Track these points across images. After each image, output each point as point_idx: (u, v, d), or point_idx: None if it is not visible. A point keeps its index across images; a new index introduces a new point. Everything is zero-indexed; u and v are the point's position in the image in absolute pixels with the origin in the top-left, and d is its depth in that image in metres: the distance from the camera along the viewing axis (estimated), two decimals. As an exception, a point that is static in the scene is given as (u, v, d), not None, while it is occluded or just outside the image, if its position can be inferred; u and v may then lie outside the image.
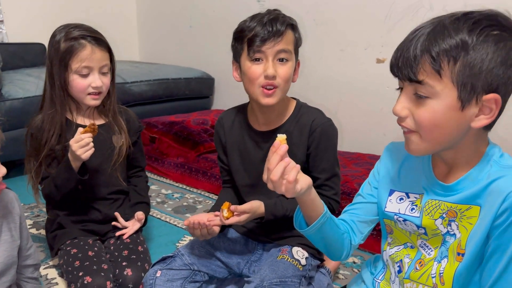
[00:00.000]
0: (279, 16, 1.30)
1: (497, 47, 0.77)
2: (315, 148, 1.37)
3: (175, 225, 1.89)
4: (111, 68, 1.50)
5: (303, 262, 1.33)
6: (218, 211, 1.33)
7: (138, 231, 1.54)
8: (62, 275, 1.46)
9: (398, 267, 0.98)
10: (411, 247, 0.97)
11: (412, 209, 0.94)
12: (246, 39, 1.28)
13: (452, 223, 0.88)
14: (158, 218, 1.95)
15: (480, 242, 0.83)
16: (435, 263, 0.91)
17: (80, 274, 1.31)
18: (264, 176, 0.91)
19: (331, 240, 1.00)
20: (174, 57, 3.39)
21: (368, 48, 2.41)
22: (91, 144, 1.35)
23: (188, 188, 2.30)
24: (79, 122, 1.52)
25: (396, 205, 0.97)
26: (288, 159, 0.89)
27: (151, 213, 1.99)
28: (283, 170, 0.87)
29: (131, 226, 1.52)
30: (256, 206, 1.29)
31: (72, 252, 1.39)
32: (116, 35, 3.48)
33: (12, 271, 1.14)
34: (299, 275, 1.29)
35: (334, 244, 1.01)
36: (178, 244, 1.73)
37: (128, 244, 1.46)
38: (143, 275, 1.34)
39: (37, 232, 1.78)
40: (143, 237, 1.56)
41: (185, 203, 2.11)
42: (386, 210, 0.99)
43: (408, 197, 0.96)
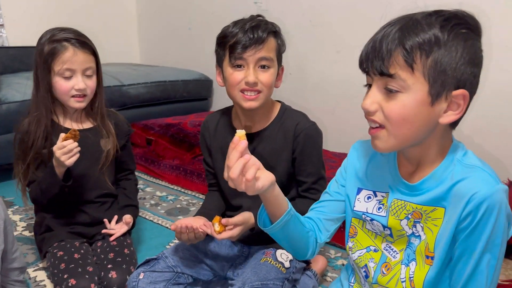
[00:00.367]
0: (261, 23, 1.30)
1: (466, 45, 0.78)
2: (300, 152, 1.37)
3: (167, 227, 1.90)
4: (96, 71, 1.51)
5: (287, 264, 1.32)
6: (204, 217, 1.34)
7: (126, 233, 1.55)
8: (50, 277, 1.48)
9: (364, 272, 0.97)
10: (375, 251, 0.96)
11: (379, 208, 0.94)
12: (228, 46, 1.28)
13: (417, 225, 0.88)
14: (150, 220, 1.96)
15: (447, 245, 0.83)
16: (403, 266, 0.91)
17: (65, 276, 1.32)
18: (225, 174, 0.88)
19: (295, 238, 0.99)
20: (174, 59, 3.41)
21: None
22: (75, 150, 1.35)
23: (182, 190, 2.30)
24: (66, 125, 1.53)
25: (364, 204, 0.97)
26: (248, 155, 0.86)
27: (144, 215, 2.00)
28: (242, 167, 0.85)
29: (118, 229, 1.53)
30: (247, 217, 1.29)
31: (58, 255, 1.41)
32: (117, 38, 3.54)
33: None
34: (282, 278, 1.28)
35: (299, 242, 1.00)
36: (168, 247, 1.73)
37: (114, 247, 1.47)
38: (128, 277, 1.34)
39: (29, 234, 1.80)
40: (131, 239, 1.57)
41: (178, 205, 2.12)
42: (355, 209, 0.98)
43: (376, 195, 0.95)
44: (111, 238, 1.50)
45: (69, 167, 1.40)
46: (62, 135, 1.36)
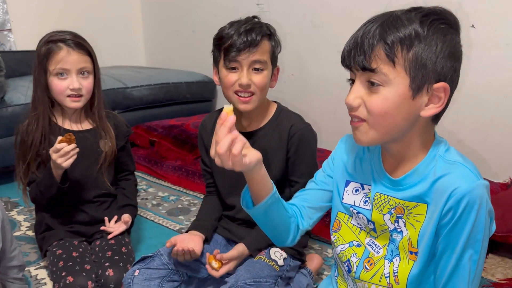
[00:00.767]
0: (255, 26, 1.32)
1: (445, 39, 0.80)
2: (294, 153, 1.38)
3: (167, 227, 1.92)
4: (93, 72, 1.53)
5: (281, 262, 1.34)
6: (199, 233, 1.39)
7: (124, 232, 1.57)
8: (49, 275, 1.51)
9: (347, 267, 0.98)
10: (358, 246, 0.97)
11: (365, 201, 0.95)
12: (223, 48, 1.31)
13: (400, 220, 0.88)
14: (151, 220, 1.98)
15: (430, 241, 0.84)
16: (387, 262, 0.92)
17: (63, 274, 1.35)
18: (212, 151, 0.86)
19: (277, 223, 0.98)
20: (179, 61, 3.44)
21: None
22: (72, 153, 1.38)
23: (184, 190, 2.33)
24: (65, 126, 1.56)
25: (352, 196, 0.97)
26: (236, 132, 0.84)
27: (145, 215, 2.02)
28: (230, 143, 0.82)
29: (117, 228, 1.55)
30: (241, 250, 1.34)
31: (57, 253, 1.44)
32: (123, 42, 3.59)
33: None
34: (275, 276, 1.30)
35: (280, 227, 0.99)
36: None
37: (112, 246, 1.49)
38: (125, 275, 1.37)
39: (32, 234, 1.83)
40: (129, 238, 1.59)
41: (179, 206, 2.14)
42: (343, 201, 0.99)
43: (363, 188, 0.96)
44: (109, 236, 1.53)
45: (67, 169, 1.42)
46: (59, 138, 1.39)
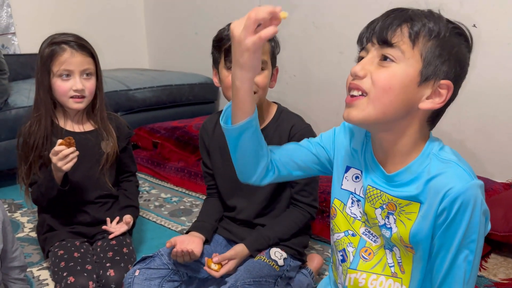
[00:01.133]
0: None
1: (459, 47, 0.84)
2: None
3: (169, 228, 1.93)
4: (95, 74, 1.55)
5: (281, 262, 1.34)
6: (199, 233, 1.39)
7: (126, 233, 1.58)
8: (51, 276, 1.51)
9: (341, 256, 0.98)
10: (353, 235, 0.96)
11: (363, 191, 0.94)
12: (224, 49, 1.31)
13: (391, 216, 0.88)
14: (153, 221, 1.99)
15: (425, 239, 0.84)
16: (387, 251, 0.91)
17: (64, 274, 1.35)
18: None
19: (247, 153, 0.93)
20: (182, 63, 3.45)
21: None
22: (71, 156, 1.38)
23: (187, 192, 2.34)
24: (67, 128, 1.57)
25: (352, 183, 0.96)
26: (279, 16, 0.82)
27: (147, 216, 2.03)
28: (273, 11, 0.80)
29: (118, 228, 1.56)
30: (240, 250, 1.34)
31: (59, 254, 1.45)
32: (126, 45, 3.61)
33: None
34: (275, 275, 1.30)
35: (249, 159, 0.95)
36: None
37: (113, 246, 1.50)
38: (125, 276, 1.37)
39: (36, 235, 1.84)
40: (131, 239, 1.60)
41: (182, 207, 2.15)
42: (342, 187, 0.98)
43: (362, 176, 0.95)
44: (110, 236, 1.53)
45: (67, 171, 1.43)
46: (59, 141, 1.40)
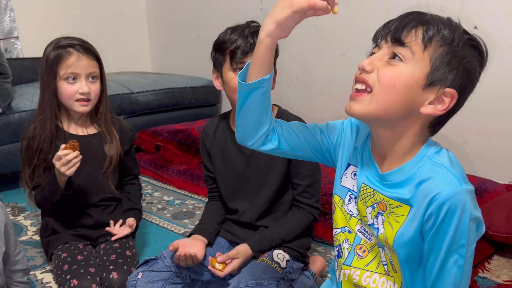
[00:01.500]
0: (258, 29, 1.33)
1: (471, 59, 0.84)
2: None
3: (172, 230, 1.93)
4: (100, 77, 1.56)
5: (283, 264, 1.34)
6: (201, 236, 1.40)
7: (129, 236, 1.59)
8: (55, 279, 1.52)
9: (337, 251, 0.98)
10: (349, 232, 0.97)
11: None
12: (228, 51, 1.33)
13: (380, 216, 0.88)
14: (156, 224, 1.99)
15: (410, 243, 0.84)
16: (381, 249, 0.91)
17: (68, 277, 1.36)
18: None
19: (251, 113, 0.92)
20: (184, 66, 3.46)
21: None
22: (74, 161, 1.39)
23: (189, 194, 2.34)
24: (71, 131, 1.58)
25: (350, 180, 0.96)
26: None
27: (150, 219, 2.04)
28: None
29: (121, 231, 1.56)
30: (243, 250, 1.35)
31: (62, 256, 1.45)
32: (129, 49, 3.62)
33: None
34: (277, 277, 1.30)
35: (250, 121, 0.93)
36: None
37: (116, 249, 1.51)
38: (128, 278, 1.37)
39: (39, 238, 1.84)
40: (134, 242, 1.61)
41: (184, 209, 2.16)
42: (341, 184, 0.98)
43: None
44: (113, 238, 1.54)
45: (76, 171, 1.43)
46: (62, 146, 1.40)
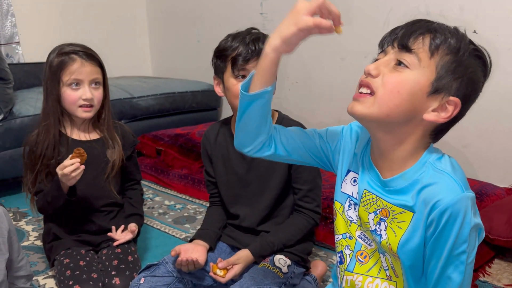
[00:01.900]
0: (259, 36, 1.37)
1: (475, 69, 0.84)
2: None
3: (173, 235, 1.94)
4: (103, 83, 1.57)
5: (285, 269, 1.35)
6: (203, 242, 1.41)
7: (131, 241, 1.59)
8: (57, 285, 1.52)
9: (339, 257, 0.99)
10: (349, 238, 0.97)
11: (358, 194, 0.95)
12: (230, 58, 1.34)
13: (382, 223, 0.89)
14: (157, 229, 2.00)
15: (415, 250, 0.84)
16: (381, 255, 0.92)
17: (71, 282, 1.37)
18: None
19: (250, 122, 0.93)
20: (185, 71, 3.48)
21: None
22: (73, 174, 1.39)
23: (190, 199, 2.35)
24: (74, 136, 1.59)
25: (350, 187, 0.97)
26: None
27: (151, 224, 2.04)
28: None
29: (123, 236, 1.57)
30: (244, 255, 1.35)
31: (65, 262, 1.46)
32: (130, 53, 3.63)
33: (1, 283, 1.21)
34: (279, 283, 1.31)
35: (249, 129, 0.94)
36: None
37: (118, 254, 1.51)
38: (131, 283, 1.38)
39: (41, 244, 1.85)
40: (136, 247, 1.61)
41: (185, 214, 2.16)
42: (342, 190, 0.98)
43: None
44: (115, 243, 1.55)
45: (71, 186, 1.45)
46: (70, 156, 1.40)
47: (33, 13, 3.13)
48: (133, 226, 1.59)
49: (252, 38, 1.34)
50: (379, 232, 0.89)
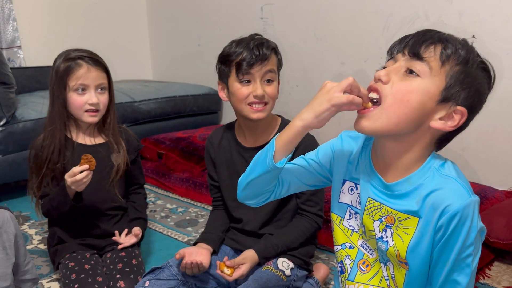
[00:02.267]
0: (263, 41, 1.40)
1: (481, 81, 0.87)
2: None
3: (176, 238, 1.95)
4: (108, 88, 1.59)
5: (288, 272, 1.37)
6: (207, 245, 1.42)
7: (135, 245, 1.61)
8: (62, 288, 1.54)
9: (340, 267, 1.00)
10: (350, 248, 0.98)
11: (360, 202, 0.96)
12: (234, 63, 1.36)
13: (388, 230, 0.90)
14: (160, 232, 2.01)
15: (424, 255, 0.86)
16: (382, 265, 0.93)
17: (76, 286, 1.38)
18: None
19: (258, 184, 0.98)
20: (185, 74, 3.49)
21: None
22: (85, 180, 1.41)
23: (192, 202, 2.36)
24: (79, 141, 1.61)
25: (349, 196, 0.98)
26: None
27: (153, 227, 2.06)
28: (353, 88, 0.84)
29: (127, 240, 1.59)
30: (250, 255, 1.37)
31: (70, 266, 1.47)
32: (130, 57, 3.65)
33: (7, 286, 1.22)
34: (282, 285, 1.33)
35: (255, 189, 1.00)
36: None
37: (123, 258, 1.53)
38: (135, 287, 1.40)
39: (44, 247, 1.87)
40: (139, 251, 1.63)
41: (187, 217, 2.18)
42: (340, 201, 0.99)
43: (357, 188, 0.97)
44: (119, 247, 1.56)
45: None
46: (79, 165, 1.41)
47: (34, 17, 3.15)
48: (137, 230, 1.61)
49: (256, 43, 1.37)
50: (385, 239, 0.90)
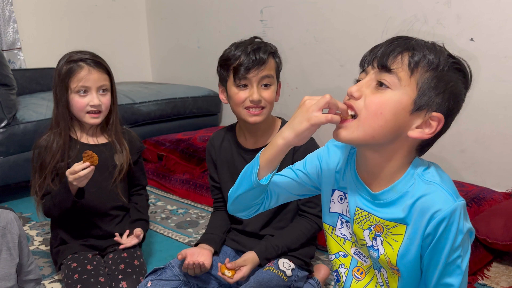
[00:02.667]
0: (261, 46, 1.40)
1: (456, 82, 0.85)
2: None
3: (176, 239, 1.96)
4: (110, 89, 1.60)
5: (289, 273, 1.38)
6: (208, 246, 1.43)
7: (136, 246, 1.62)
8: (64, 288, 1.55)
9: (335, 276, 1.01)
10: (344, 256, 0.99)
11: (349, 211, 0.96)
12: (232, 67, 1.38)
13: (378, 238, 0.90)
14: (161, 234, 2.02)
15: (413, 262, 0.87)
16: (376, 271, 0.94)
17: (78, 286, 1.39)
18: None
19: (246, 198, 0.99)
20: (185, 76, 3.51)
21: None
22: (88, 175, 1.42)
23: (192, 203, 2.37)
24: (83, 140, 1.62)
25: (339, 205, 0.98)
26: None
27: (154, 228, 2.07)
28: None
29: (129, 241, 1.60)
30: (250, 257, 1.38)
31: (72, 266, 1.48)
32: (130, 59, 3.67)
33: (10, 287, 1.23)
34: (283, 286, 1.34)
35: (243, 202, 1.00)
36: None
37: (125, 258, 1.54)
38: (137, 287, 1.41)
39: (45, 248, 1.88)
40: (141, 252, 1.64)
41: (188, 218, 2.19)
42: (331, 211, 0.99)
43: (346, 197, 0.97)
44: (121, 247, 1.57)
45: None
46: (81, 162, 1.43)
47: (35, 19, 3.16)
48: (138, 231, 1.62)
49: (253, 48, 1.38)
50: (376, 247, 0.91)
